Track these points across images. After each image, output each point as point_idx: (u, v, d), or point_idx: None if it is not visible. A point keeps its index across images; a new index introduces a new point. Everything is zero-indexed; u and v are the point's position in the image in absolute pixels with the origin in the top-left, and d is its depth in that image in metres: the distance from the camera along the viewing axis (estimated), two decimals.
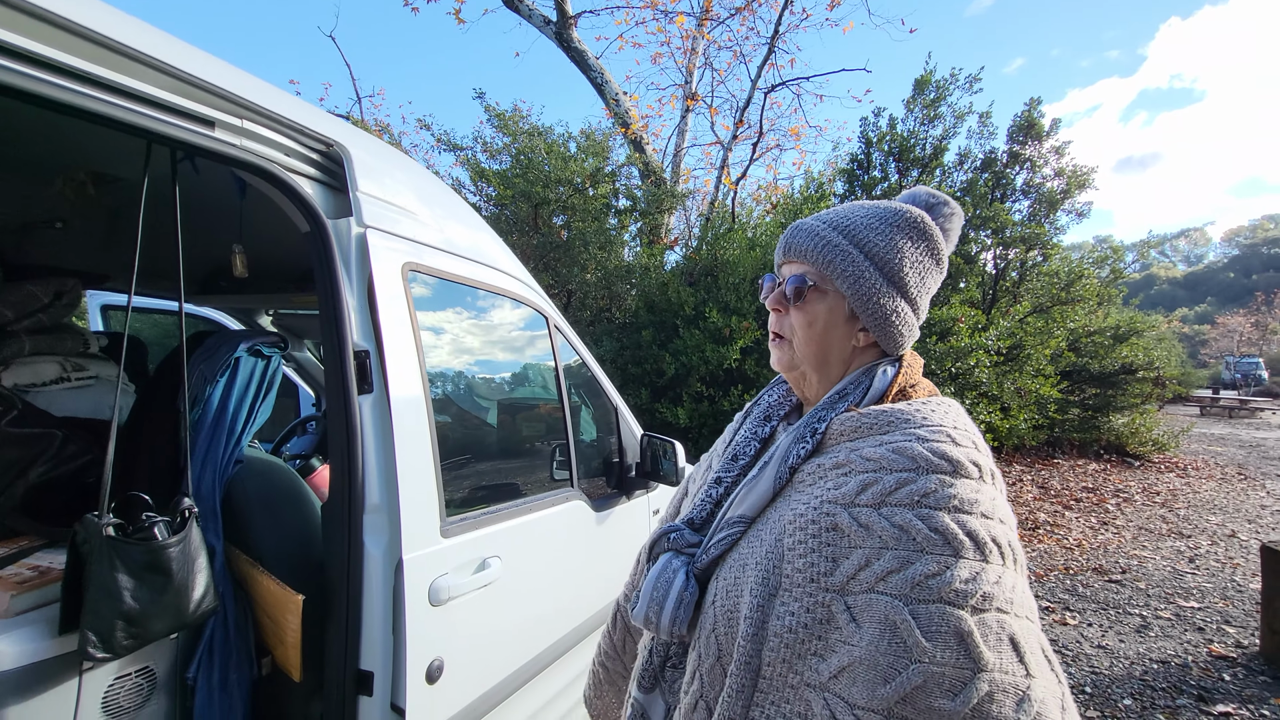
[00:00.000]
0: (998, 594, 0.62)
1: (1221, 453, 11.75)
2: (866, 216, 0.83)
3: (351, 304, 1.27)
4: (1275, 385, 33.91)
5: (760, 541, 0.75)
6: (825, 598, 0.66)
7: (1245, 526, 6.22)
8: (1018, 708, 0.57)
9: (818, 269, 0.82)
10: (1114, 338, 10.34)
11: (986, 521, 0.66)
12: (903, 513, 0.66)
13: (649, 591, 0.80)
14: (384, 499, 1.25)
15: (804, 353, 0.84)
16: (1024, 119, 8.57)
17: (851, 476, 0.71)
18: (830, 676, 0.63)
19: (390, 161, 1.50)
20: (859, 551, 0.66)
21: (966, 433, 0.74)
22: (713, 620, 0.75)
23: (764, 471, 0.80)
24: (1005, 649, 0.60)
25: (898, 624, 0.60)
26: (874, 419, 0.75)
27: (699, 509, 0.87)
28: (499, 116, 8.05)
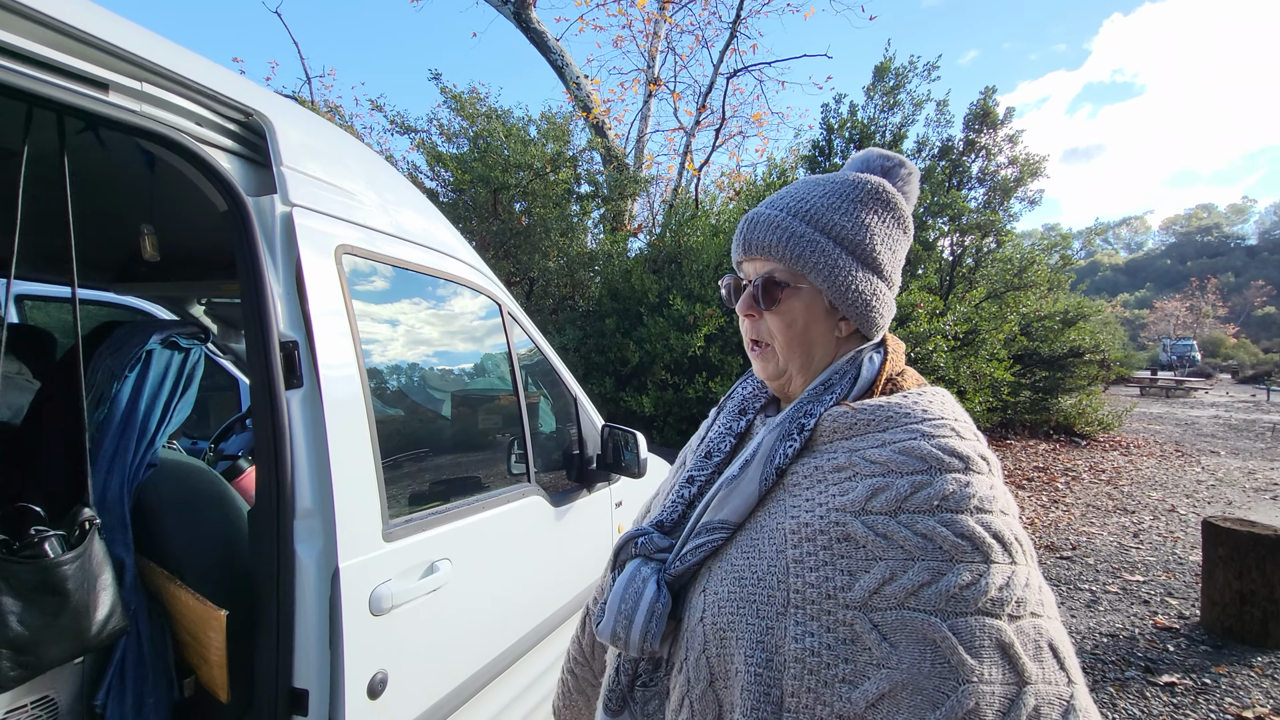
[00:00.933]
0: (1029, 597, 0.59)
1: (1160, 431, 12.33)
2: (826, 195, 0.76)
3: (276, 290, 1.15)
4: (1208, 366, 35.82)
5: (757, 553, 0.67)
6: (846, 615, 0.59)
7: (1184, 501, 6.52)
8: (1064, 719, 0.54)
9: (786, 265, 0.74)
10: (1063, 322, 10.71)
11: (1005, 519, 0.62)
12: (924, 519, 0.60)
13: (615, 604, 0.72)
14: (317, 502, 1.15)
15: (788, 356, 0.77)
16: (980, 107, 8.72)
17: (858, 481, 0.65)
18: (868, 706, 0.56)
19: (322, 136, 1.38)
20: (881, 564, 0.60)
21: (967, 424, 0.69)
22: (702, 640, 0.67)
23: (746, 472, 0.72)
24: (1046, 656, 0.57)
25: (939, 642, 0.55)
26: (870, 415, 0.69)
27: (669, 510, 0.79)
28: (456, 99, 7.79)
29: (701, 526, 0.73)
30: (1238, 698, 2.78)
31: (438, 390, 1.63)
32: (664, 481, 0.96)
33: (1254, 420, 14.01)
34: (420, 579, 1.32)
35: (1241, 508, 6.27)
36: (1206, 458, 9.29)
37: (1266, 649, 3.18)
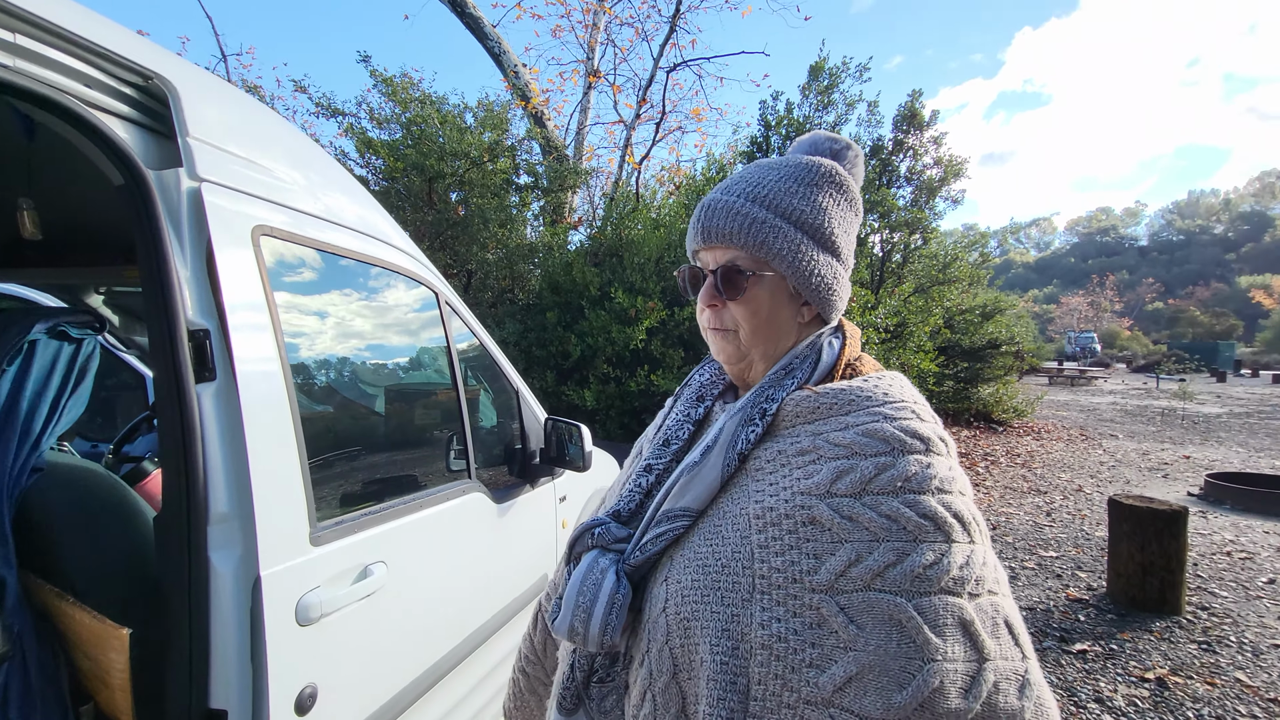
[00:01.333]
0: (987, 575, 0.60)
1: (1067, 417, 13.28)
2: (782, 179, 0.75)
3: (183, 273, 1.04)
4: (1106, 356, 38.91)
5: (721, 539, 0.65)
6: (813, 599, 0.58)
7: (1089, 481, 7.04)
8: (1021, 694, 0.56)
9: (749, 252, 0.72)
10: (982, 316, 11.36)
11: (964, 499, 0.63)
12: (889, 501, 0.60)
13: (573, 597, 0.68)
14: (234, 506, 1.05)
15: (752, 342, 0.75)
16: (907, 109, 9.09)
17: (822, 464, 0.64)
18: (835, 689, 0.55)
19: (236, 105, 1.26)
20: (847, 546, 0.59)
21: (926, 407, 0.70)
22: (665, 630, 0.65)
23: (708, 458, 0.70)
24: (1003, 633, 0.58)
25: (904, 623, 0.55)
26: (833, 398, 0.68)
27: (626, 499, 0.77)
28: (387, 83, 7.46)
29: (662, 515, 0.70)
30: (1140, 661, 3.01)
31: (371, 384, 1.53)
32: (620, 474, 0.93)
33: (1146, 406, 15.30)
34: (352, 584, 1.24)
35: (1139, 486, 6.83)
36: (1107, 441, 10.07)
37: (1164, 614, 3.47)
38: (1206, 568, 4.24)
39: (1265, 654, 3.07)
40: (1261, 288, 59.38)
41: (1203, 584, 3.95)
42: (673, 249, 7.16)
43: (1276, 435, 10.60)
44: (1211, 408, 14.87)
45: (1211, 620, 3.44)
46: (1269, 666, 2.95)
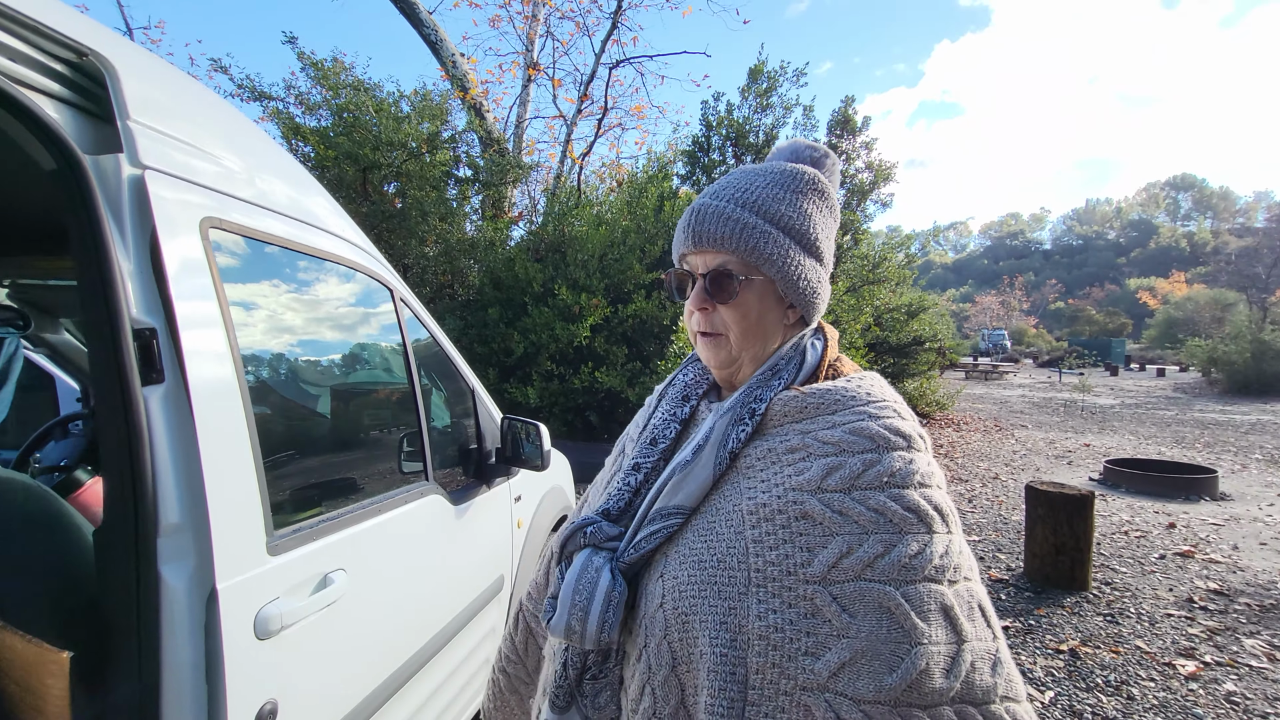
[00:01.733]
0: (963, 563, 0.64)
1: (982, 409, 14.19)
2: (769, 186, 0.77)
3: (126, 268, 0.97)
4: (1015, 352, 41.75)
5: (715, 535, 0.67)
6: (807, 590, 0.61)
7: (1004, 469, 7.55)
8: (994, 671, 0.60)
9: (739, 257, 0.74)
10: (908, 314, 11.94)
11: (941, 492, 0.67)
12: (876, 495, 0.64)
13: (569, 596, 0.69)
14: (187, 516, 0.98)
15: (742, 345, 0.77)
16: (841, 114, 9.45)
17: (812, 461, 0.67)
18: (830, 675, 0.58)
19: (181, 87, 1.18)
20: (838, 539, 0.62)
21: (904, 406, 0.74)
22: (663, 625, 0.66)
23: (700, 456, 0.72)
24: (977, 616, 0.62)
25: (893, 610, 0.59)
26: (819, 398, 0.72)
27: (616, 499, 0.78)
28: (316, 66, 7.09)
29: (655, 513, 0.72)
30: (1055, 634, 3.27)
31: (324, 385, 1.47)
32: (603, 473, 0.94)
33: (1050, 398, 16.55)
34: (312, 594, 1.19)
35: (1047, 473, 7.38)
36: (1019, 431, 10.83)
37: (1074, 591, 3.78)
38: (1108, 546, 4.64)
39: (1160, 623, 3.40)
40: (1148, 289, 65.31)
41: (1105, 561, 4.32)
42: (616, 246, 7.17)
43: (1161, 424, 11.70)
44: (1106, 399, 16.25)
45: (1114, 594, 3.77)
46: (1163, 634, 3.27)
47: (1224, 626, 3.34)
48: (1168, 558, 4.41)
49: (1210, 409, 14.00)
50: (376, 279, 1.63)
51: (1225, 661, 2.98)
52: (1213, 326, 27.69)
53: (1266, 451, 8.59)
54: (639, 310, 6.87)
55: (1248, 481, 6.80)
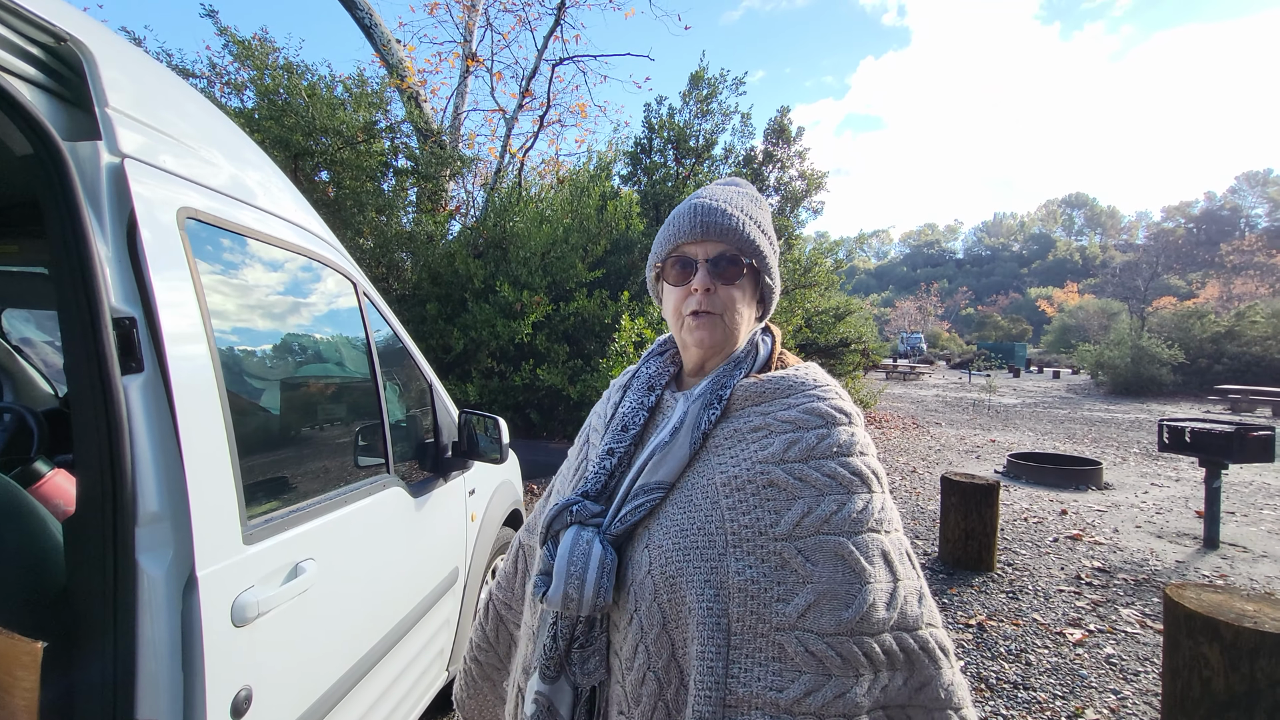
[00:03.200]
0: (894, 516, 0.77)
1: (901, 408, 15.05)
2: (746, 198, 0.91)
3: (105, 255, 0.97)
4: (931, 355, 44.39)
5: (693, 506, 0.77)
6: (776, 547, 0.72)
7: (921, 464, 8.09)
8: (920, 603, 0.74)
9: (739, 247, 0.86)
10: (835, 317, 12.55)
11: (874, 458, 0.80)
12: (828, 463, 0.76)
13: (564, 568, 0.77)
14: (167, 505, 0.99)
15: (733, 324, 0.88)
16: (777, 123, 9.82)
17: (774, 437, 0.79)
18: (799, 615, 0.69)
19: (157, 78, 1.16)
20: (800, 501, 0.73)
21: (841, 388, 0.87)
22: (653, 589, 0.75)
23: (677, 437, 0.82)
24: (905, 559, 0.76)
25: (845, 556, 0.70)
26: (776, 384, 0.84)
27: (594, 481, 0.86)
28: (241, 45, 6.72)
29: (638, 489, 0.81)
30: (965, 611, 3.59)
31: (290, 375, 1.47)
32: (565, 465, 1.02)
33: (961, 398, 17.75)
34: (284, 583, 1.20)
35: (959, 466, 7.96)
36: (934, 428, 11.59)
37: (981, 571, 4.15)
38: (1010, 532, 5.10)
39: (1053, 598, 3.79)
40: (1046, 298, 71.03)
41: (1008, 545, 4.75)
42: (558, 244, 7.18)
43: (1056, 422, 12.81)
44: (1010, 399, 17.59)
45: (1015, 574, 4.16)
46: (1055, 608, 3.65)
47: (1105, 599, 3.76)
48: (1060, 540, 4.89)
49: (1097, 408, 15.42)
50: (341, 272, 1.64)
51: (1106, 629, 3.36)
52: (1100, 333, 30.46)
53: (1143, 446, 9.59)
54: (581, 308, 6.91)
55: (1127, 473, 7.59)
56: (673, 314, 0.90)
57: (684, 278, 0.88)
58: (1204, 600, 2.21)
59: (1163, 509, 5.87)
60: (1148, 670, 2.94)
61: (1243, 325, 19.97)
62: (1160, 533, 5.14)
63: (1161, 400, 17.21)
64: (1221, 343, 19.69)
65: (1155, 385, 18.29)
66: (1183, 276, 54.06)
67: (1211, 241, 56.63)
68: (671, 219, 0.90)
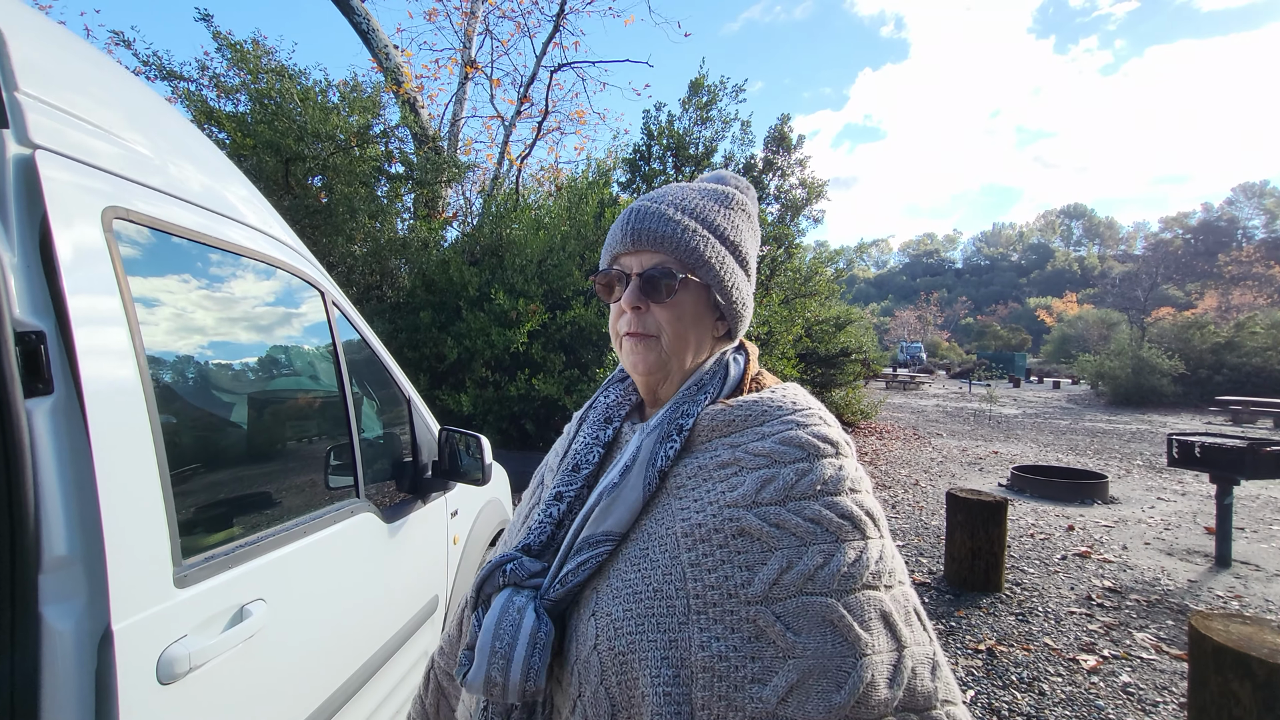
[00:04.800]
0: (896, 567, 0.63)
1: (901, 418, 14.93)
2: (704, 198, 0.77)
3: (8, 260, 0.84)
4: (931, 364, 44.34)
5: (649, 562, 0.63)
6: (749, 612, 0.57)
7: (924, 476, 7.95)
8: (933, 675, 0.59)
9: (678, 258, 0.73)
10: (835, 326, 12.44)
11: (869, 495, 0.66)
12: (810, 504, 0.62)
13: (488, 643, 0.62)
14: (76, 547, 0.86)
15: (673, 349, 0.74)
16: (777, 131, 9.75)
17: (745, 474, 0.65)
18: (779, 700, 0.55)
19: (82, 58, 1.04)
20: (777, 554, 0.59)
21: (827, 413, 0.73)
22: (599, 669, 0.60)
23: (628, 478, 0.68)
24: (913, 620, 0.61)
25: (836, 622, 0.57)
26: (746, 410, 0.70)
27: (537, 532, 0.72)
28: (234, 48, 6.63)
29: (582, 542, 0.67)
30: (973, 635, 3.45)
31: (244, 394, 1.34)
32: (520, 507, 0.88)
33: (962, 408, 17.64)
34: (226, 630, 1.07)
35: (962, 479, 7.83)
36: (935, 439, 11.46)
37: (989, 592, 4.00)
38: (1017, 549, 4.96)
39: (1064, 620, 3.64)
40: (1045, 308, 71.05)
41: (1015, 563, 4.61)
42: (555, 252, 7.07)
43: (1058, 433, 12.68)
44: (1011, 409, 17.48)
45: (1024, 594, 4.02)
46: (1067, 631, 3.51)
47: (1118, 622, 3.62)
48: (1068, 558, 4.75)
49: (1098, 419, 15.30)
50: (305, 279, 1.51)
51: (1121, 655, 3.22)
52: (1100, 344, 30.39)
53: (1146, 458, 9.46)
54: (578, 317, 6.80)
55: (1132, 486, 7.46)
56: (612, 334, 0.78)
57: (616, 294, 0.76)
58: (1233, 633, 2.07)
59: (1171, 525, 5.74)
60: (1166, 701, 2.80)
61: (1243, 336, 19.89)
62: (1170, 550, 5.00)
63: (1162, 411, 17.10)
64: (1222, 353, 19.59)
65: (1156, 396, 18.19)
66: (1181, 287, 54.15)
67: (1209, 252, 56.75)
68: (612, 226, 0.78)
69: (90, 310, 0.90)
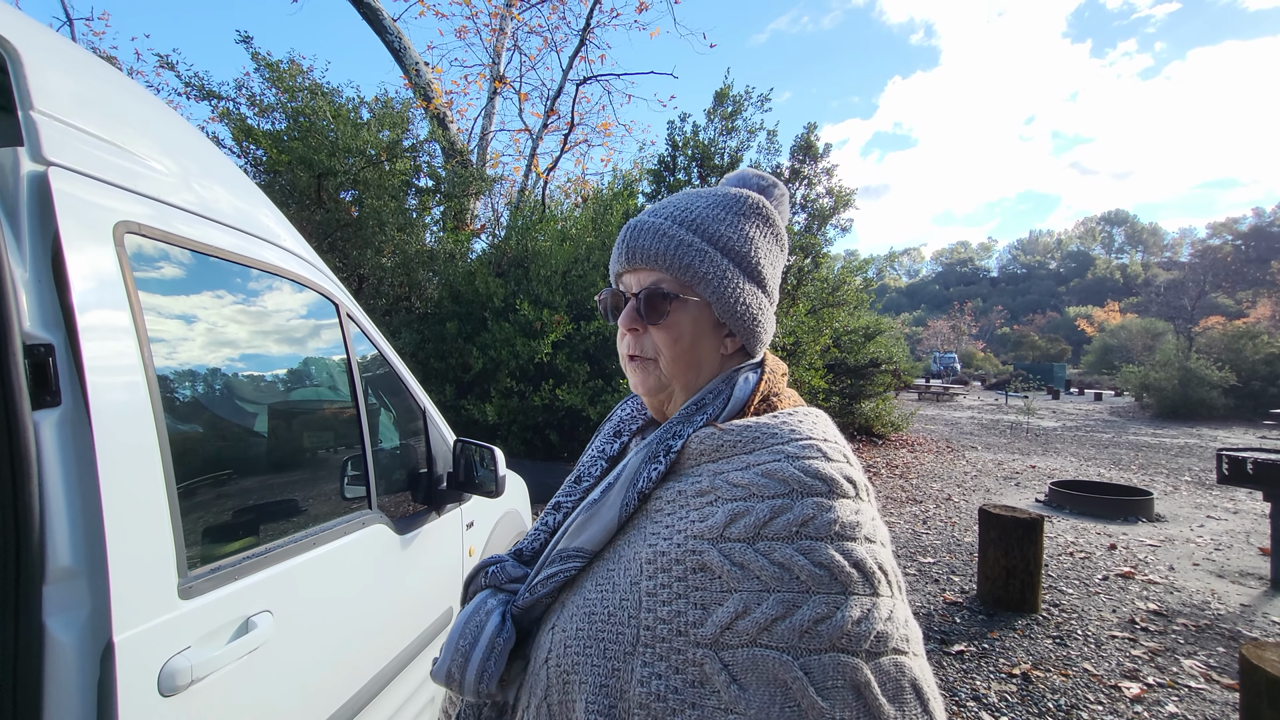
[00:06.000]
0: (892, 632, 0.54)
1: (934, 430, 14.57)
2: (709, 207, 0.73)
3: (20, 275, 0.86)
4: (965, 375, 43.29)
5: (611, 585, 0.61)
6: (696, 654, 0.53)
7: (957, 490, 7.72)
8: None
9: (674, 275, 0.70)
10: (865, 336, 12.22)
11: (870, 546, 0.58)
12: (782, 547, 0.56)
13: (454, 639, 0.64)
14: (81, 559, 0.87)
15: (673, 372, 0.72)
16: (803, 140, 9.68)
17: (719, 506, 0.60)
18: None
19: (96, 77, 1.07)
20: (735, 596, 0.54)
21: (837, 445, 0.66)
22: (545, 684, 0.60)
23: (607, 496, 0.67)
24: (908, 698, 0.52)
25: (789, 683, 0.50)
26: (737, 435, 0.65)
27: (531, 538, 0.73)
28: (272, 68, 6.86)
29: (556, 555, 0.66)
30: (1008, 658, 3.30)
31: (259, 409, 1.35)
32: None
33: (998, 420, 17.14)
34: (231, 641, 1.07)
35: (997, 494, 7.58)
36: (969, 452, 11.14)
37: (1024, 613, 3.84)
38: (1055, 568, 4.76)
39: (1105, 645, 3.47)
40: (1085, 317, 68.88)
41: (1053, 583, 4.42)
42: (580, 263, 7.11)
43: (1100, 446, 12.22)
44: (1049, 422, 16.92)
45: (1062, 616, 3.85)
46: (1108, 656, 3.34)
47: (1164, 647, 3.44)
48: (1110, 579, 4.54)
49: (1143, 432, 14.71)
50: (321, 292, 1.53)
51: (1167, 683, 3.05)
52: (1144, 354, 29.30)
53: (1195, 474, 9.04)
54: (602, 327, 6.80)
55: (1179, 503, 7.12)
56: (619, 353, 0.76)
57: (615, 315, 0.74)
58: None
59: (1222, 545, 5.45)
60: None
61: None
62: (1221, 571, 4.74)
63: (1212, 425, 16.36)
64: (1276, 364, 18.69)
65: (1205, 408, 17.42)
66: (1231, 295, 51.95)
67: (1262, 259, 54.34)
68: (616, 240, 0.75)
69: (99, 323, 0.92)
